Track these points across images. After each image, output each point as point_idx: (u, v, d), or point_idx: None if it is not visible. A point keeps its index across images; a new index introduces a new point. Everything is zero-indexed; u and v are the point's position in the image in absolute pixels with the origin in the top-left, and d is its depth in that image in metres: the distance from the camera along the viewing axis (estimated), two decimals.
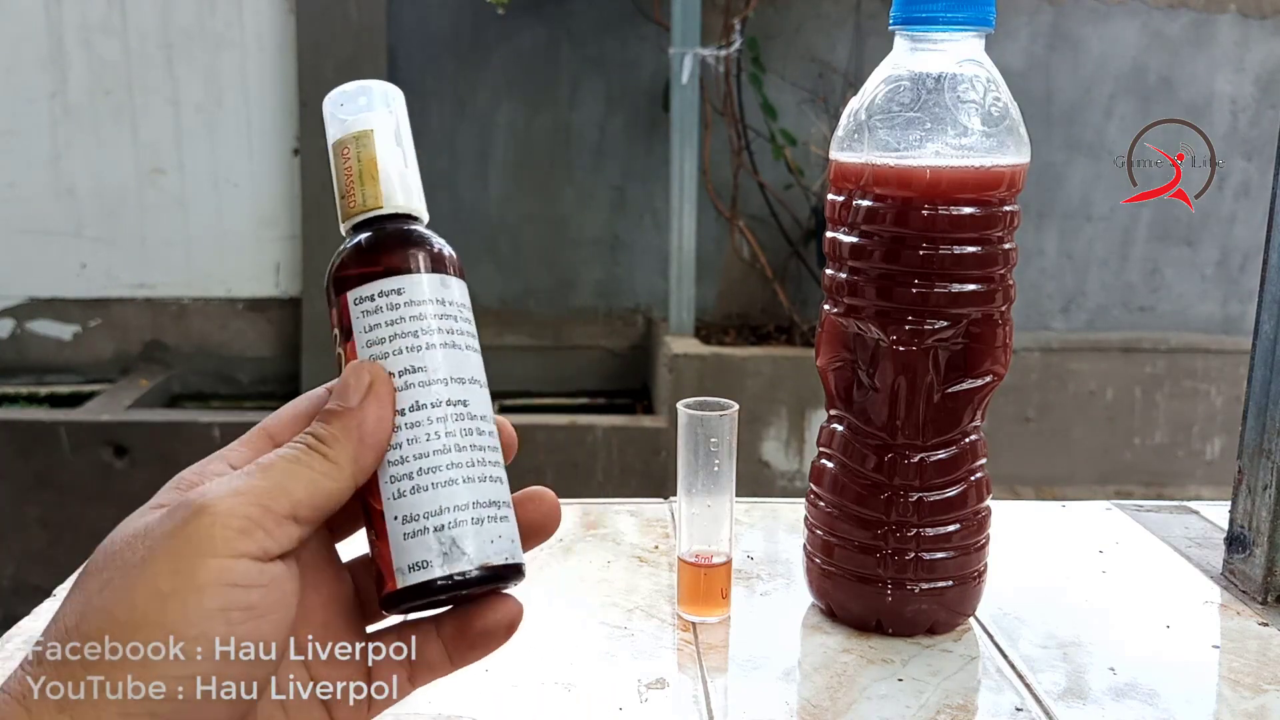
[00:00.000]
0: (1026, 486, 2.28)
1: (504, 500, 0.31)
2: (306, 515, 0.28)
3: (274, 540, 0.28)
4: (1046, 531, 0.60)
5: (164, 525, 0.27)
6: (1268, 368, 0.52)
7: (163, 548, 0.27)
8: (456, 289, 0.32)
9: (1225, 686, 0.45)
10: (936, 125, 0.44)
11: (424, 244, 0.32)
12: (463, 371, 0.31)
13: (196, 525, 0.27)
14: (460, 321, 0.32)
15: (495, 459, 0.31)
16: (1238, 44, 2.40)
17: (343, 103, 0.34)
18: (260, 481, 0.28)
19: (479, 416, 0.31)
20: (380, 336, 0.31)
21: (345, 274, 0.32)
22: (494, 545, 0.30)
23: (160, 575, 0.26)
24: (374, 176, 0.32)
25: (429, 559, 0.29)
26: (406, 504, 0.30)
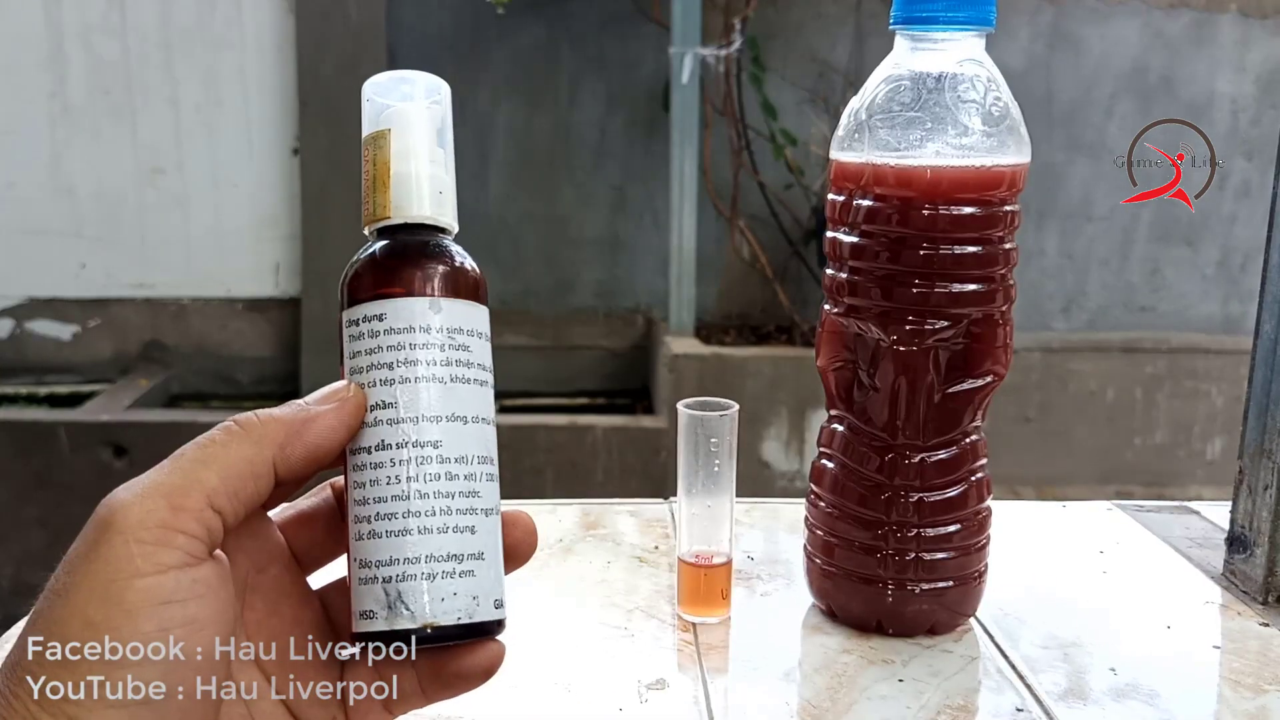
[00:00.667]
0: (1027, 487, 2.28)
1: (473, 553, 0.28)
2: (225, 503, 0.26)
3: (196, 540, 0.26)
4: (1047, 532, 0.60)
5: (79, 548, 0.25)
6: (1268, 368, 0.52)
7: (83, 574, 0.25)
8: (453, 312, 0.29)
9: (1226, 687, 0.44)
10: (937, 125, 0.44)
11: (419, 263, 0.29)
12: (442, 409, 0.28)
13: (110, 546, 0.25)
14: (450, 351, 0.29)
15: (472, 505, 0.29)
16: (1238, 44, 2.40)
17: (376, 94, 0.31)
18: (168, 477, 0.26)
19: (455, 459, 0.28)
20: (358, 366, 0.29)
21: (343, 291, 0.30)
22: (446, 603, 0.28)
23: (89, 604, 0.24)
24: (385, 183, 0.30)
25: (375, 610, 0.28)
26: (362, 548, 0.28)
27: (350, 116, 1.90)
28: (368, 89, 0.31)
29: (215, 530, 0.26)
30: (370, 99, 0.31)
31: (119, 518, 0.25)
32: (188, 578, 0.25)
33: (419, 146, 0.30)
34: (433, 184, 0.30)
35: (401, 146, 0.30)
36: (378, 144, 0.30)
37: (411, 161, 0.30)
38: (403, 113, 0.30)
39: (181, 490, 0.26)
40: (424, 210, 0.30)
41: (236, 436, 0.27)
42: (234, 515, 0.27)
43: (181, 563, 0.25)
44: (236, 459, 0.27)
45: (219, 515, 0.26)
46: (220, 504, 0.26)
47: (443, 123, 0.31)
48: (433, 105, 0.31)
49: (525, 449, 2.00)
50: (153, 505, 0.25)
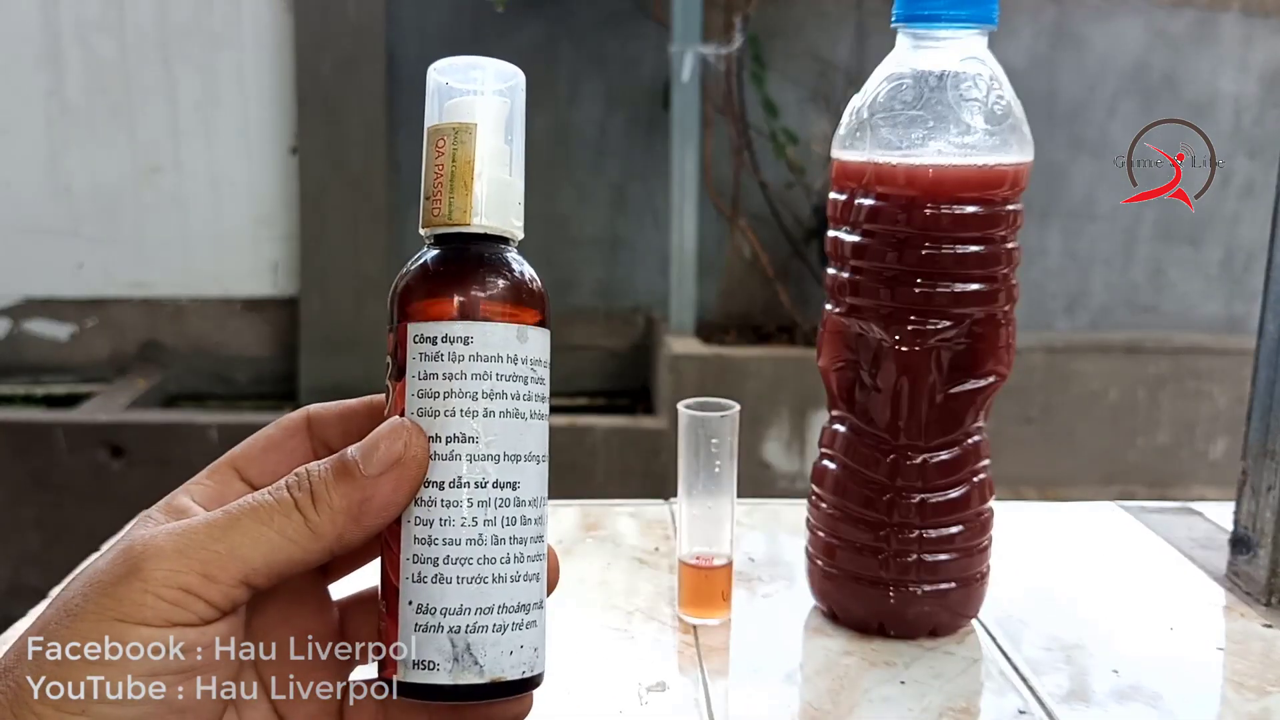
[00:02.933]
0: (1030, 487, 2.28)
1: (536, 602, 0.27)
2: (261, 581, 0.26)
3: (213, 608, 0.25)
4: (1050, 533, 0.60)
5: (99, 578, 0.25)
6: (1272, 368, 0.52)
7: (94, 606, 0.25)
8: (535, 342, 0.27)
9: (1229, 689, 0.44)
10: (939, 123, 0.43)
11: (511, 284, 0.27)
12: (521, 447, 0.27)
13: (128, 589, 0.25)
14: (532, 384, 0.27)
15: (536, 552, 0.27)
16: (1241, 42, 2.40)
17: (450, 79, 0.28)
18: (211, 543, 0.25)
19: (529, 501, 0.27)
20: (435, 390, 0.26)
21: (411, 299, 0.27)
22: (513, 657, 0.26)
23: (89, 634, 0.25)
24: (467, 185, 0.27)
25: (437, 661, 0.26)
26: (424, 591, 0.26)
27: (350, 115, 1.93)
28: (440, 70, 0.28)
29: (240, 600, 0.26)
30: (439, 87, 0.28)
31: (148, 567, 0.25)
32: (195, 633, 0.25)
33: (503, 145, 0.27)
34: (515, 188, 0.28)
35: (488, 144, 0.27)
36: (460, 138, 0.27)
37: (496, 162, 0.27)
38: (487, 105, 0.27)
39: (220, 563, 0.25)
40: (506, 219, 0.28)
41: (295, 522, 0.26)
42: (268, 587, 0.27)
43: (189, 623, 0.25)
44: (289, 546, 0.26)
45: (249, 590, 0.26)
46: (257, 582, 0.26)
47: (516, 116, 0.28)
48: (512, 99, 0.28)
49: None
50: (185, 567, 0.25)
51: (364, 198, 2.33)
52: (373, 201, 2.33)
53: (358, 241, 2.37)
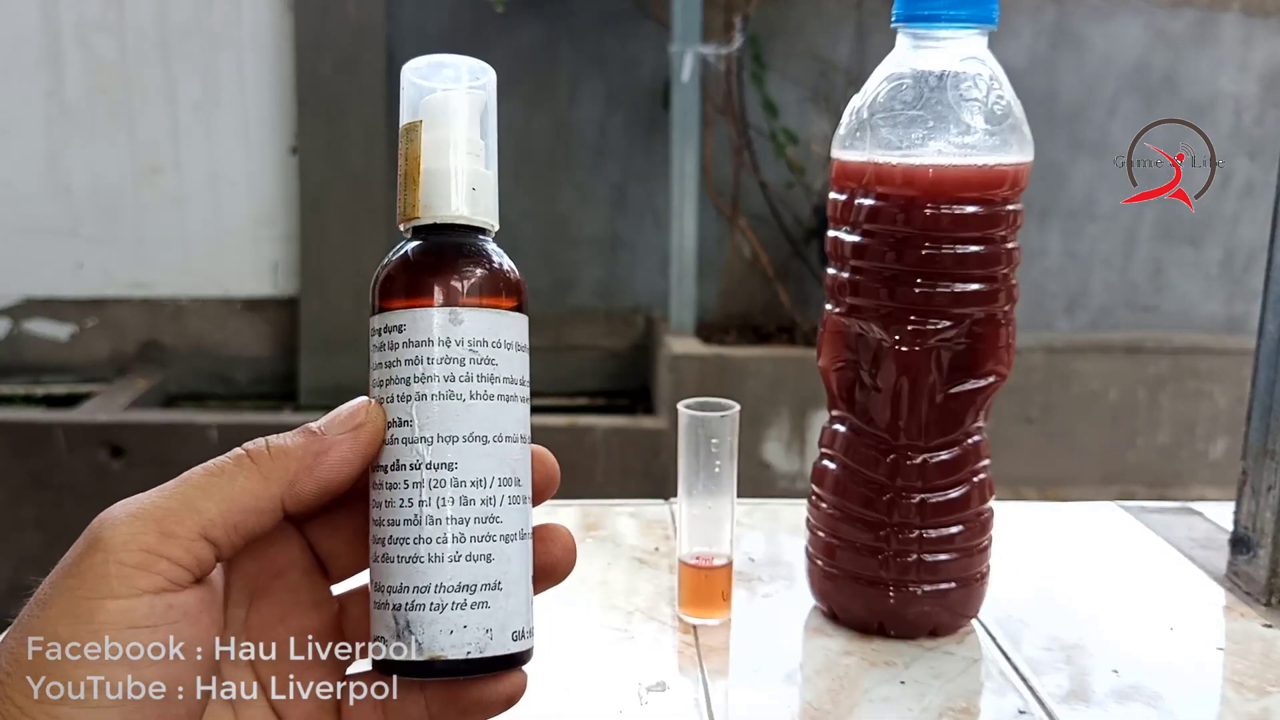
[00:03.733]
0: (1030, 487, 2.28)
1: (488, 582, 0.27)
2: (220, 535, 0.25)
3: (180, 569, 0.25)
4: (1050, 533, 0.60)
5: (66, 559, 0.25)
6: (1272, 368, 0.52)
7: (61, 587, 0.25)
8: (481, 323, 0.27)
9: (1229, 689, 0.44)
10: (939, 123, 0.43)
11: (442, 270, 0.27)
12: (458, 428, 0.27)
13: (90, 563, 0.24)
14: (472, 365, 0.27)
15: (489, 532, 0.27)
16: (1242, 42, 2.40)
17: (415, 78, 0.29)
18: (166, 500, 0.25)
19: (470, 483, 0.27)
20: (380, 379, 0.28)
21: (373, 295, 0.28)
22: (454, 636, 0.26)
23: (59, 620, 0.24)
24: (415, 180, 0.28)
25: (385, 636, 0.27)
26: (377, 571, 0.27)
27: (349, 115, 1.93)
28: (405, 73, 0.29)
29: (205, 560, 0.26)
30: (409, 85, 0.29)
31: (107, 534, 0.25)
32: (163, 604, 0.25)
33: (455, 138, 0.28)
34: (468, 179, 0.28)
35: (435, 139, 0.28)
36: (409, 136, 0.28)
37: (445, 156, 0.28)
38: (440, 101, 0.28)
39: (175, 516, 0.25)
40: (458, 209, 0.28)
41: (245, 468, 0.26)
42: (230, 546, 0.26)
43: (159, 588, 0.25)
44: (241, 493, 0.26)
45: (213, 546, 0.26)
46: (215, 536, 0.26)
47: (485, 111, 0.29)
48: (475, 91, 0.29)
49: None
50: (142, 527, 0.25)
51: (364, 198, 2.33)
52: (373, 201, 2.33)
53: (358, 241, 2.37)
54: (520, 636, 0.28)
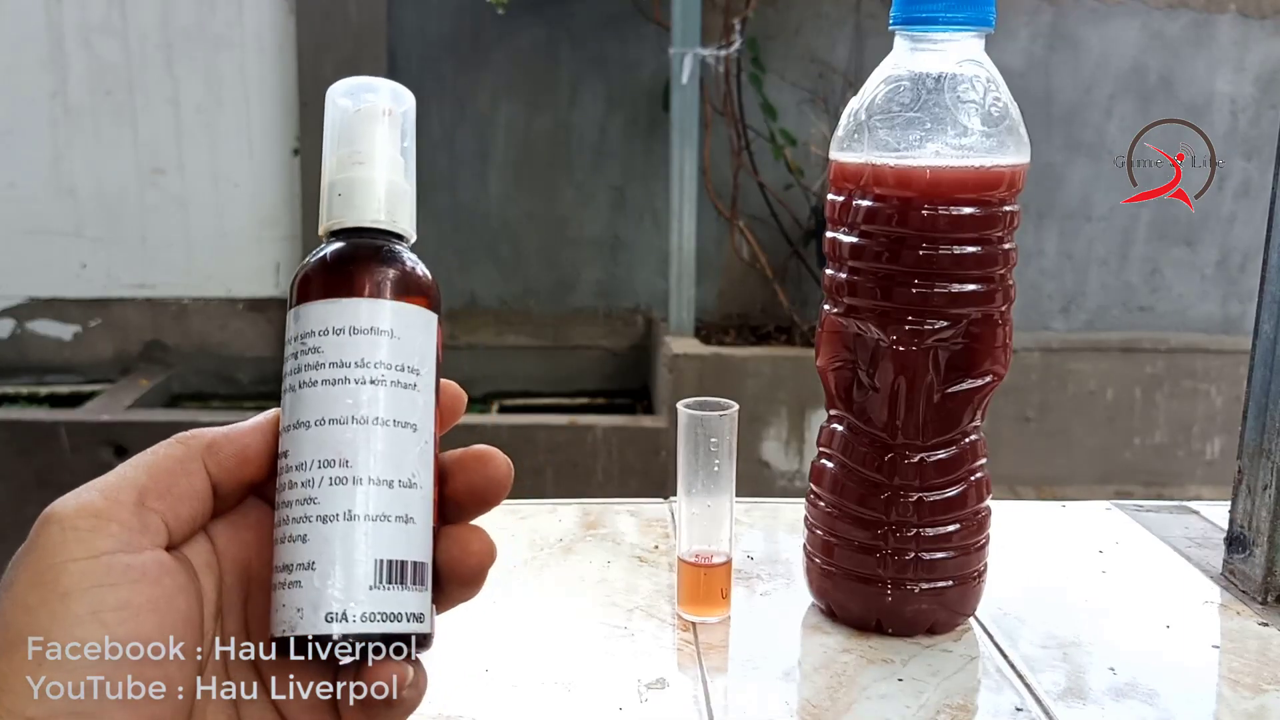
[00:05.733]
0: (1026, 486, 2.28)
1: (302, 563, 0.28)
2: (157, 502, 0.27)
3: (130, 531, 0.26)
4: (1046, 531, 0.60)
5: (24, 545, 0.26)
6: (1267, 368, 0.52)
7: (23, 564, 0.26)
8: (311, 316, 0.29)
9: (1225, 686, 0.44)
10: (936, 125, 0.44)
11: (305, 272, 0.29)
12: (289, 418, 0.29)
13: (47, 534, 0.26)
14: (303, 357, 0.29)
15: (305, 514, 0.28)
16: (1237, 44, 2.40)
17: (338, 99, 0.31)
18: (104, 478, 0.27)
19: (295, 467, 0.28)
20: (282, 372, 0.30)
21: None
22: (278, 615, 0.27)
23: (26, 591, 0.25)
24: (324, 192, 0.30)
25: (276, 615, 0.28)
26: (280, 552, 0.28)
27: None
28: (330, 94, 0.31)
29: (153, 526, 0.27)
30: (332, 103, 0.31)
31: (57, 510, 0.26)
32: (120, 562, 0.26)
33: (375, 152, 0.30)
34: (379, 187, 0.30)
35: (334, 154, 0.30)
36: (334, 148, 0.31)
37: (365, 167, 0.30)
38: (349, 121, 0.30)
39: (114, 486, 0.27)
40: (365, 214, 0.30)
41: (169, 444, 0.28)
42: (174, 516, 0.28)
43: (115, 549, 0.26)
44: (165, 458, 0.28)
45: (155, 513, 0.27)
46: (153, 502, 0.27)
47: (404, 131, 0.31)
48: (394, 111, 0.31)
49: (525, 449, 2.00)
50: (87, 498, 0.27)
51: None
52: None
53: None
54: (334, 618, 0.27)
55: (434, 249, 2.50)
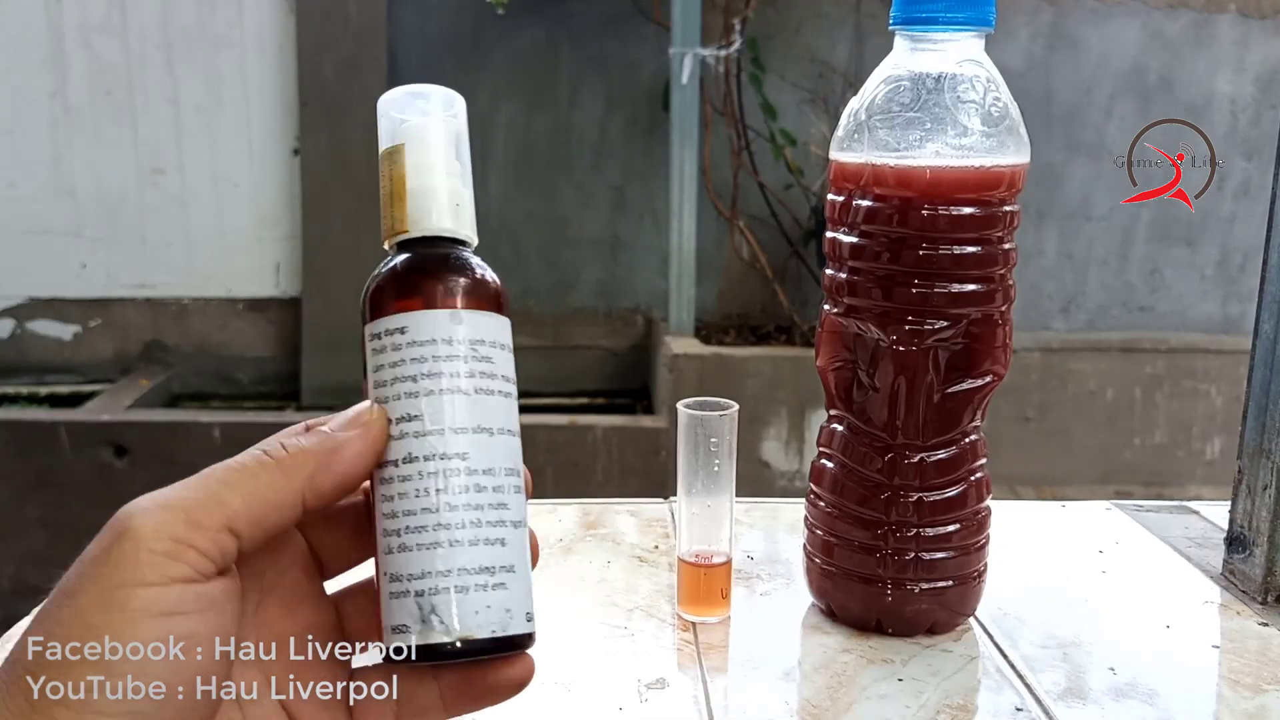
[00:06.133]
0: (1026, 486, 2.28)
1: (504, 565, 0.29)
2: (245, 529, 0.26)
3: (207, 559, 0.26)
4: (1046, 531, 0.60)
5: (90, 554, 0.25)
6: (1267, 368, 0.52)
7: (90, 576, 0.25)
8: (478, 324, 0.29)
9: (1225, 686, 0.44)
10: (936, 125, 0.44)
11: (439, 275, 0.30)
12: (468, 420, 0.29)
13: (120, 551, 0.25)
14: (473, 363, 0.29)
15: (501, 518, 0.29)
16: (1237, 44, 2.40)
17: (392, 110, 0.31)
18: (192, 493, 0.26)
19: (482, 470, 0.29)
20: (383, 379, 0.29)
21: (365, 305, 0.30)
22: (479, 616, 0.28)
23: (89, 609, 0.25)
24: (401, 197, 0.30)
25: (409, 624, 0.28)
26: (394, 562, 0.28)
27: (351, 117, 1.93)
28: (383, 105, 0.31)
29: (229, 551, 0.26)
30: (385, 114, 0.31)
31: (136, 524, 0.25)
32: (192, 592, 0.25)
33: (435, 160, 0.31)
34: (450, 196, 0.31)
35: (417, 161, 0.30)
36: (393, 159, 0.30)
37: (428, 175, 0.30)
38: (419, 127, 0.31)
39: (202, 507, 0.26)
40: (442, 223, 0.30)
41: (267, 467, 0.27)
42: (252, 541, 0.27)
43: (188, 577, 0.25)
44: (264, 488, 0.27)
45: (236, 538, 0.26)
46: (239, 528, 0.26)
47: (459, 136, 0.32)
48: (449, 118, 0.31)
49: (525, 449, 1.99)
50: (170, 517, 0.25)
51: (366, 199, 2.33)
52: (374, 202, 2.33)
53: (360, 242, 2.37)
54: (530, 618, 0.29)
55: None
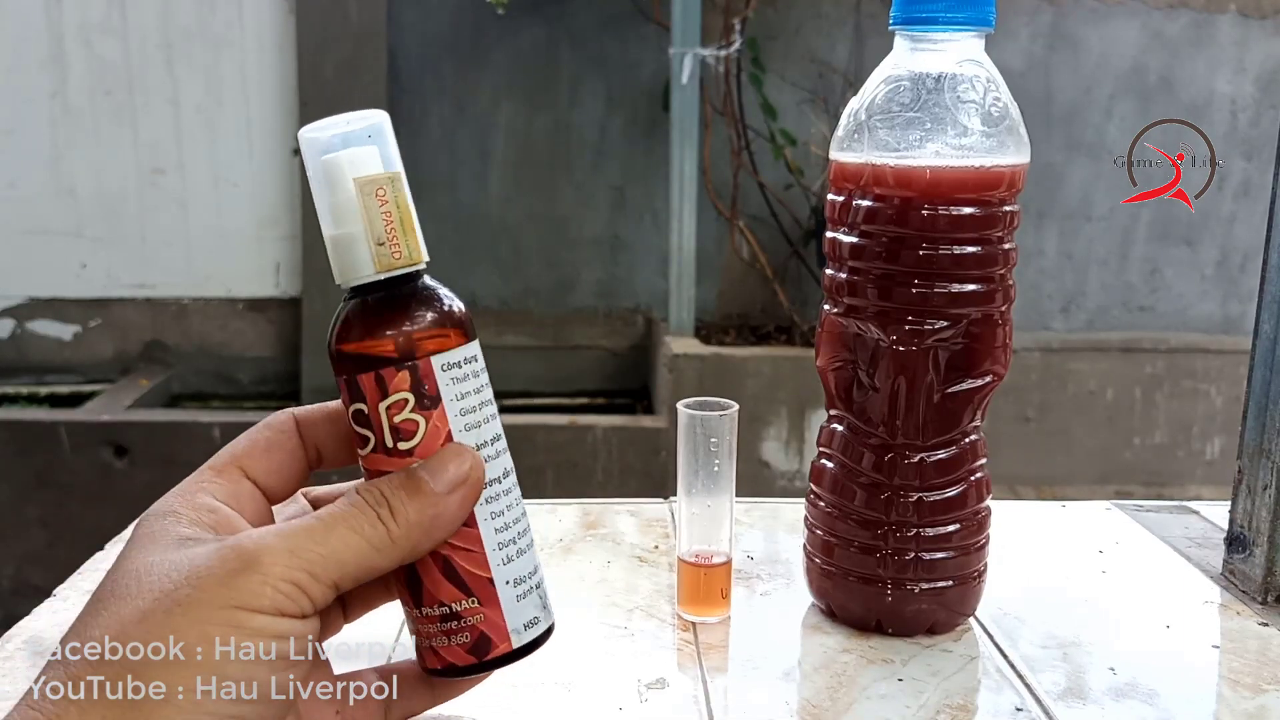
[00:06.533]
0: (1026, 486, 2.29)
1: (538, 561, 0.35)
2: (348, 584, 0.30)
3: (314, 605, 0.29)
4: (1046, 531, 0.60)
5: (213, 570, 0.28)
6: (1268, 367, 0.52)
7: (213, 594, 0.27)
8: None
9: (1225, 686, 0.44)
10: (936, 125, 0.44)
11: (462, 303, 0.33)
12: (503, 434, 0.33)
13: (248, 581, 0.28)
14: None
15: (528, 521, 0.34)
16: (1237, 44, 2.40)
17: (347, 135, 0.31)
18: (315, 545, 0.29)
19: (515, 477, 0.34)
20: (472, 405, 0.31)
21: (428, 337, 0.31)
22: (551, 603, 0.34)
23: (210, 621, 0.27)
24: (412, 227, 0.31)
25: (538, 616, 0.33)
26: (515, 568, 0.32)
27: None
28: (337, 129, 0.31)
29: (329, 600, 0.30)
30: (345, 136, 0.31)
31: (266, 561, 0.28)
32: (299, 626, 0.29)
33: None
34: None
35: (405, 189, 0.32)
36: (395, 186, 0.31)
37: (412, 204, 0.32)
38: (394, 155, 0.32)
39: (322, 565, 0.29)
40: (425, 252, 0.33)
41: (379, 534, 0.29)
42: (344, 591, 0.30)
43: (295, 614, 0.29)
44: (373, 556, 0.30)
45: (337, 590, 0.30)
46: (344, 585, 0.30)
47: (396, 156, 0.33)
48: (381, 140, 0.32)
49: (525, 449, 2.00)
50: (296, 565, 0.28)
51: None
52: None
53: None
54: None
55: (434, 249, 2.50)
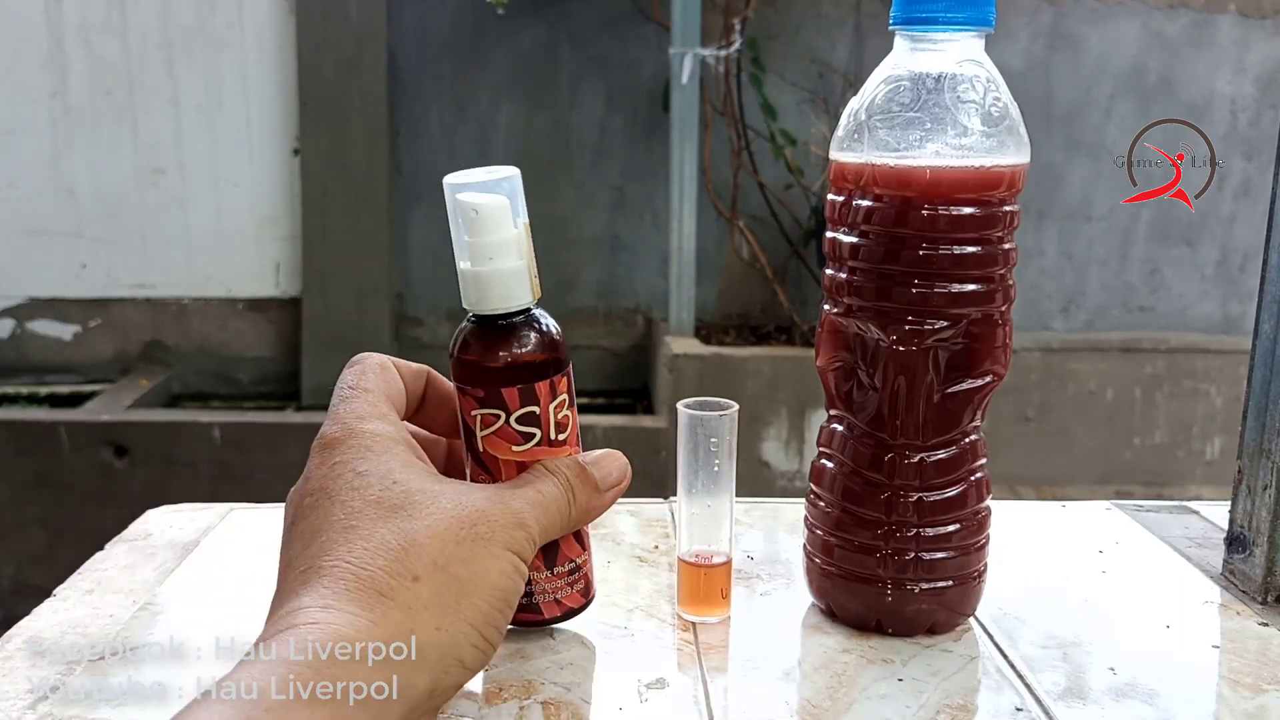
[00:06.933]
0: (1026, 486, 2.29)
1: None
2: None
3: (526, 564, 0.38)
4: (1046, 531, 0.60)
5: (500, 520, 0.37)
6: (1268, 367, 0.52)
7: (502, 536, 0.37)
8: None
9: (1225, 686, 0.44)
10: (936, 125, 0.44)
11: None
12: None
13: (518, 534, 0.37)
14: None
15: None
16: (1237, 44, 2.40)
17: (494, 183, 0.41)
18: (544, 518, 0.39)
19: None
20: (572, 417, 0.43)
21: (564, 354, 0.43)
22: None
23: (497, 558, 0.36)
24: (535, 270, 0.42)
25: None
26: None
27: (351, 117, 1.94)
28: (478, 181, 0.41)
29: None
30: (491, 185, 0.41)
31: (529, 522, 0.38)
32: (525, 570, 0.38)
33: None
34: None
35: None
36: (530, 234, 0.41)
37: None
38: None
39: (543, 532, 0.39)
40: None
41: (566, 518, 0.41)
42: None
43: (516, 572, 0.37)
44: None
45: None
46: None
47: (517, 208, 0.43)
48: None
49: None
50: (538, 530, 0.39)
51: (366, 199, 2.33)
52: (374, 203, 2.34)
53: (359, 242, 2.37)
54: None
55: (435, 250, 2.50)
